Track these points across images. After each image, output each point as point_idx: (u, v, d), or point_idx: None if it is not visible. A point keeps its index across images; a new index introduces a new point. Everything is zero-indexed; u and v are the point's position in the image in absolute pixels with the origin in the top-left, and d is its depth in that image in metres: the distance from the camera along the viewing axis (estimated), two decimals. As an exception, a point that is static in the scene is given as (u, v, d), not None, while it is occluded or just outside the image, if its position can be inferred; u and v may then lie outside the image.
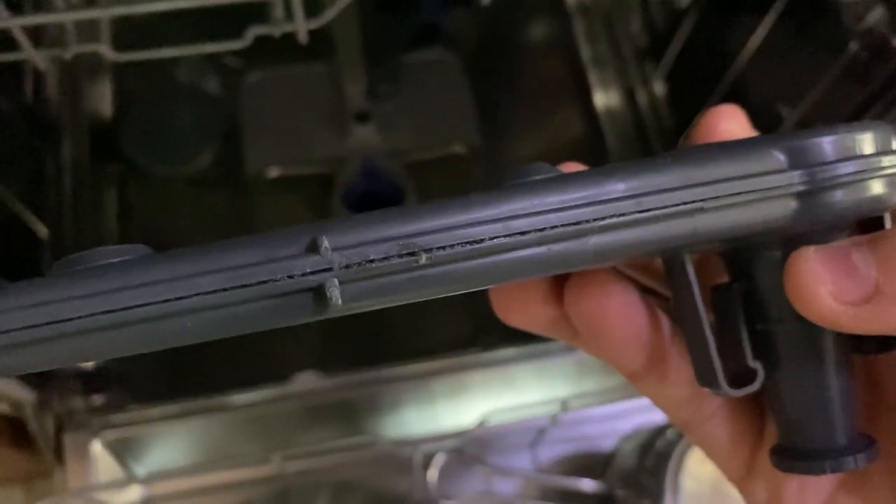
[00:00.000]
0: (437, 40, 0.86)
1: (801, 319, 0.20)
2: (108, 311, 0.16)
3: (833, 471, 0.21)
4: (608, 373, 0.74)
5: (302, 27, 0.35)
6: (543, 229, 0.18)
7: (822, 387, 0.22)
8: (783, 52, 0.62)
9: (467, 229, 0.18)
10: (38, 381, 0.65)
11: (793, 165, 0.20)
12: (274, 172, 0.82)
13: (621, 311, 0.22)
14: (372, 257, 0.17)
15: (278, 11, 0.35)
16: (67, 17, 0.32)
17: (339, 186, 0.79)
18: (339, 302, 0.17)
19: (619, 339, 0.23)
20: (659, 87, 0.82)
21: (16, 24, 0.32)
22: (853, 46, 0.52)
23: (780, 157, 0.20)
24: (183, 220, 0.81)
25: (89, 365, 0.72)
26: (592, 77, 0.85)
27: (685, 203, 0.19)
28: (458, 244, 0.18)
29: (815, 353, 0.22)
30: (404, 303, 0.18)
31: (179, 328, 0.17)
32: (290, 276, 0.17)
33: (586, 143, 0.84)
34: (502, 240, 0.18)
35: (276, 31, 0.36)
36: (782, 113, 0.62)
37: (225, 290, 0.16)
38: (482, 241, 0.18)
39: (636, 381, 0.24)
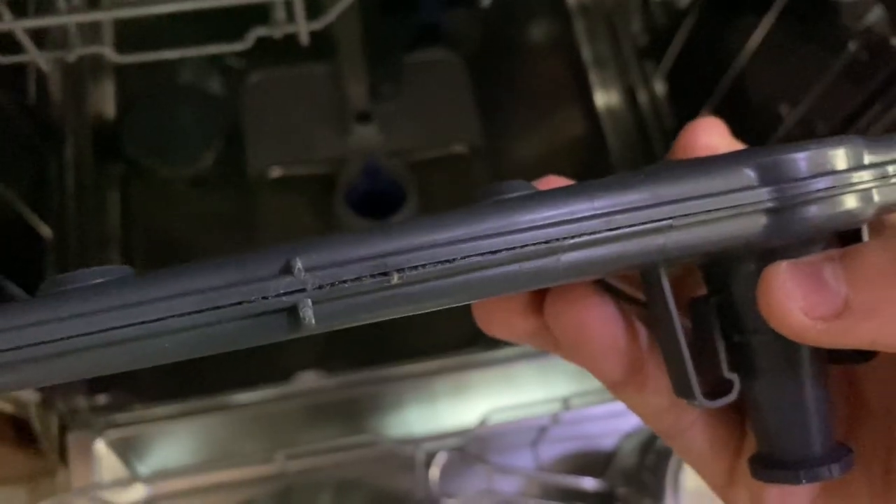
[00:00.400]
0: (439, 40, 0.86)
1: (775, 331, 0.20)
2: (88, 333, 0.16)
3: (808, 480, 0.22)
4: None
5: (303, 28, 0.35)
6: (514, 248, 0.19)
7: (797, 397, 0.22)
8: (783, 52, 0.62)
9: (438, 249, 0.18)
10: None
11: (763, 182, 0.20)
12: (276, 172, 0.82)
13: (600, 323, 0.23)
14: (344, 278, 0.17)
15: (280, 13, 0.35)
16: (71, 20, 0.32)
17: (341, 186, 0.79)
18: (313, 322, 0.17)
19: (597, 350, 0.23)
20: (659, 87, 0.82)
21: (19, 27, 0.32)
22: (852, 46, 0.52)
23: (750, 174, 0.20)
24: (185, 220, 0.81)
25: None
26: (593, 77, 0.86)
27: (654, 221, 0.19)
28: (429, 264, 0.18)
29: (791, 364, 0.22)
30: (380, 320, 0.19)
31: (158, 348, 0.17)
32: (265, 297, 0.17)
33: (587, 143, 0.84)
34: (474, 259, 0.18)
35: (277, 32, 0.36)
36: (782, 112, 0.62)
37: (200, 311, 0.17)
38: (453, 260, 0.18)
39: (616, 391, 0.24)
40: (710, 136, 0.25)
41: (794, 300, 0.19)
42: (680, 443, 0.25)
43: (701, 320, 0.23)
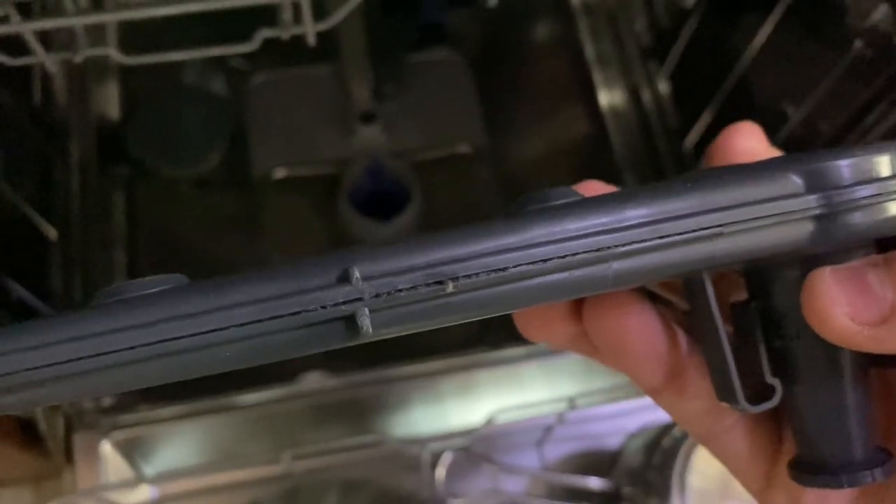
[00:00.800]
0: (442, 40, 0.86)
1: (818, 336, 0.20)
2: (148, 344, 0.17)
3: (850, 485, 0.22)
4: (615, 371, 0.75)
5: (310, 29, 0.35)
6: (565, 256, 0.19)
7: (839, 402, 0.22)
8: (787, 51, 0.62)
9: (492, 257, 0.18)
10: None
11: (810, 189, 0.20)
12: (280, 173, 0.82)
13: (639, 329, 0.23)
14: (400, 287, 0.18)
15: (287, 14, 0.35)
16: (78, 22, 0.32)
17: (345, 187, 0.79)
18: (370, 330, 0.18)
19: (637, 356, 0.23)
20: (663, 86, 0.82)
21: (27, 29, 0.32)
22: (858, 44, 0.52)
23: (797, 181, 0.20)
24: (190, 221, 0.81)
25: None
26: (597, 76, 0.86)
27: (704, 228, 0.19)
28: (483, 272, 0.18)
29: (832, 369, 0.22)
30: (435, 327, 0.19)
31: (217, 357, 0.17)
32: (323, 307, 0.17)
33: (591, 142, 0.84)
34: (525, 267, 0.19)
35: (284, 33, 0.36)
36: (787, 111, 0.62)
37: (259, 321, 0.17)
38: (506, 268, 0.18)
39: (655, 396, 0.25)
40: (749, 139, 0.25)
41: (840, 305, 0.19)
42: (717, 446, 0.25)
43: (742, 325, 0.23)
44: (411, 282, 0.18)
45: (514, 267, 0.18)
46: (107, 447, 0.68)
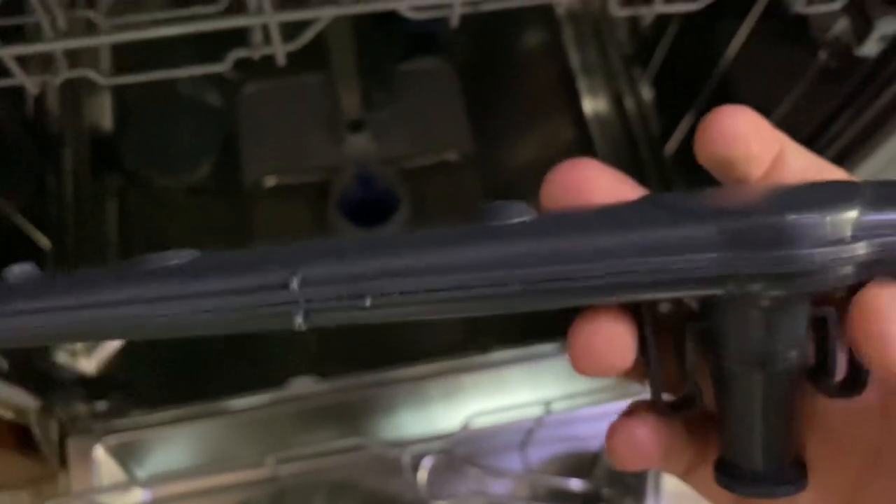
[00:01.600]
0: (430, 49, 0.88)
1: (749, 360, 0.21)
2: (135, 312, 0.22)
3: (763, 496, 0.23)
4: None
5: (280, 50, 0.37)
6: (470, 287, 0.21)
7: (763, 420, 0.23)
8: (761, 59, 0.63)
9: (407, 279, 0.21)
10: (42, 388, 0.67)
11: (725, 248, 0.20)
12: (271, 181, 0.83)
13: (653, 442, 0.23)
14: (328, 296, 0.21)
15: (257, 36, 0.37)
16: (55, 47, 0.34)
17: (335, 194, 0.81)
18: (303, 326, 0.21)
19: (654, 464, 0.24)
20: (646, 92, 0.83)
21: (7, 54, 0.34)
22: (822, 55, 0.53)
23: (716, 240, 0.20)
24: (183, 228, 0.83)
25: (92, 372, 0.74)
26: (581, 83, 0.87)
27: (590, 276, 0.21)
28: (395, 293, 0.21)
29: (761, 392, 0.23)
30: (361, 324, 0.22)
31: (192, 326, 0.22)
32: (269, 305, 0.21)
33: (576, 149, 0.86)
34: (444, 293, 0.21)
35: (255, 54, 0.38)
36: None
37: (225, 308, 0.22)
38: (416, 292, 0.21)
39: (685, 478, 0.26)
40: (739, 124, 0.22)
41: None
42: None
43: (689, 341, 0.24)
44: (335, 293, 0.21)
45: (424, 292, 0.21)
46: (100, 451, 0.69)
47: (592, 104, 0.86)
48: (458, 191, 0.85)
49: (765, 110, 0.22)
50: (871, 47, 0.47)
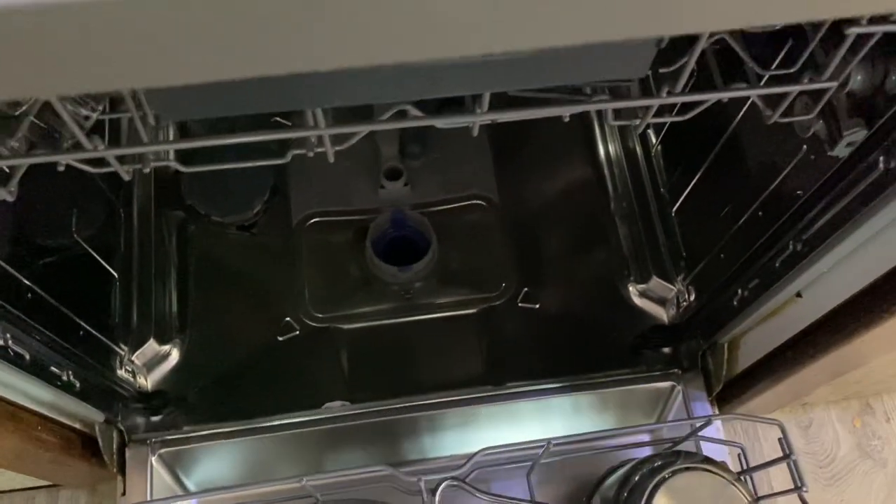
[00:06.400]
0: (461, 105, 0.95)
1: None
2: None
3: None
4: (600, 412, 0.83)
5: (330, 151, 0.45)
6: None
7: None
8: (760, 136, 0.70)
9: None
10: (106, 403, 0.76)
11: None
12: (316, 220, 0.92)
13: None
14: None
15: (312, 140, 0.45)
16: (149, 150, 0.42)
17: (371, 234, 0.89)
18: None
19: None
20: (656, 149, 0.91)
21: (111, 154, 0.42)
22: (805, 148, 0.60)
23: None
24: (235, 260, 0.91)
25: (149, 389, 0.83)
26: (597, 133, 0.95)
27: None
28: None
29: None
30: None
31: None
32: None
33: (590, 196, 0.93)
34: None
35: (310, 152, 0.46)
36: (761, 185, 0.69)
37: None
38: None
39: None
40: None
41: None
42: None
43: None
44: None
45: None
46: (154, 459, 0.78)
47: (607, 151, 0.94)
48: (482, 231, 0.92)
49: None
50: (841, 150, 0.54)
